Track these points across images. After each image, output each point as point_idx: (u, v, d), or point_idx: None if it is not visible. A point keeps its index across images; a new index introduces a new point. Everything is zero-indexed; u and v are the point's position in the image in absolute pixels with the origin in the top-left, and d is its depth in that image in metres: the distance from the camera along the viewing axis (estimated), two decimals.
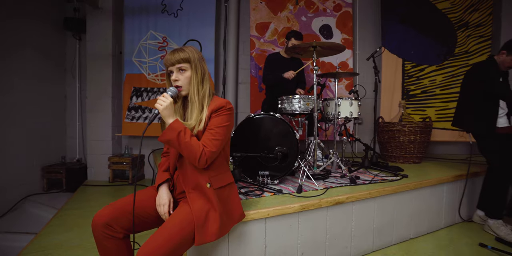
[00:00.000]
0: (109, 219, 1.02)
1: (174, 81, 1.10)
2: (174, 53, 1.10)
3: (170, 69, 1.12)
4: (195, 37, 3.40)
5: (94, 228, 1.02)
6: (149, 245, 0.88)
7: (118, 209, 1.06)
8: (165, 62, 1.12)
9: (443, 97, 3.25)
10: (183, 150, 1.02)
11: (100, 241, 1.03)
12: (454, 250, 1.77)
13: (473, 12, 3.19)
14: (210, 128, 1.09)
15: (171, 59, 1.09)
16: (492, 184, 2.06)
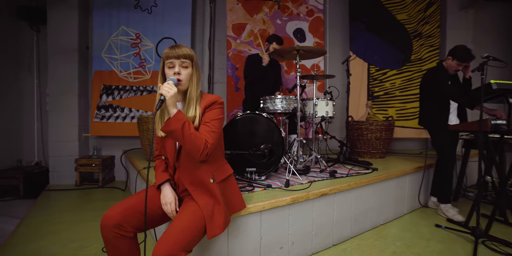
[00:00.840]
0: (120, 219, 1.02)
1: (176, 74, 1.10)
2: (180, 47, 1.11)
3: (171, 62, 1.10)
4: (170, 35, 3.34)
5: (104, 228, 1.02)
6: (167, 240, 0.90)
7: (128, 209, 1.06)
8: (168, 54, 1.10)
9: (402, 98, 3.64)
10: (186, 142, 1.03)
11: (111, 241, 1.02)
12: (417, 232, 2.03)
13: (425, 25, 3.62)
14: (206, 121, 1.12)
15: (178, 52, 1.09)
16: (441, 174, 2.39)
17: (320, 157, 2.20)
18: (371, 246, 1.81)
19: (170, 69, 1.12)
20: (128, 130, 3.32)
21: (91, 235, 1.89)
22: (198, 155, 1.05)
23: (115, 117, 3.32)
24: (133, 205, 1.09)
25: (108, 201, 2.69)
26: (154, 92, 3.35)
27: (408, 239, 1.90)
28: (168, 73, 1.12)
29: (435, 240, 1.89)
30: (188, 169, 1.14)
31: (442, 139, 2.38)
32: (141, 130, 2.62)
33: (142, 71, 3.32)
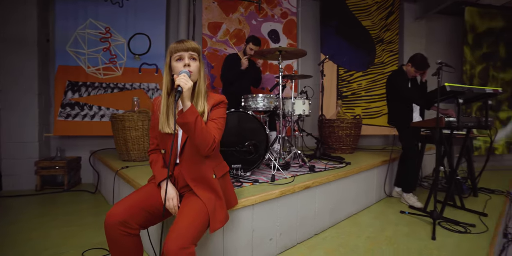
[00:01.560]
0: (126, 216, 1.01)
1: (186, 66, 1.10)
2: (187, 41, 1.13)
3: (180, 55, 1.11)
4: (143, 31, 3.23)
5: (109, 226, 1.00)
6: (177, 234, 0.91)
7: (133, 206, 1.05)
8: (176, 48, 1.11)
9: (367, 98, 3.95)
10: (197, 136, 1.04)
11: (117, 239, 1.00)
12: (385, 218, 2.26)
13: (386, 31, 3.97)
14: (213, 118, 1.16)
15: (186, 45, 1.11)
16: (405, 167, 2.67)
17: (301, 153, 2.32)
18: (348, 233, 1.97)
19: (179, 61, 1.12)
20: (97, 129, 3.14)
21: (67, 242, 1.78)
22: (206, 149, 1.07)
23: (83, 116, 3.11)
24: (137, 203, 1.08)
25: (79, 204, 2.54)
26: (126, 90, 3.21)
27: (379, 225, 2.11)
28: (177, 66, 1.12)
29: (401, 225, 2.12)
30: (191, 165, 1.16)
31: (406, 135, 2.65)
32: (115, 129, 2.50)
33: (112, 67, 3.16)
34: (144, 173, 2.05)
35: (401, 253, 1.67)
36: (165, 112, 1.16)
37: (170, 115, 1.16)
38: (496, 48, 4.42)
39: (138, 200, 1.09)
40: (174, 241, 0.89)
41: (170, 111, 1.16)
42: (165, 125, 1.15)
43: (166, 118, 1.16)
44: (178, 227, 0.94)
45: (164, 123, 1.15)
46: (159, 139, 1.24)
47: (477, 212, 2.35)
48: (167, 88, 1.17)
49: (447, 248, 1.74)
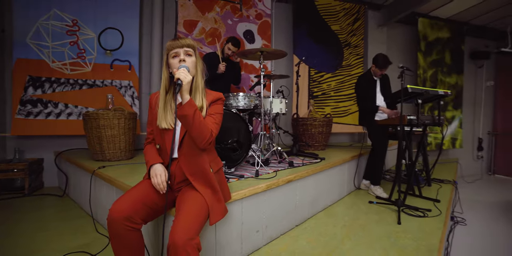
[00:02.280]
0: (131, 212, 1.01)
1: (181, 61, 1.15)
2: (183, 38, 1.18)
3: (176, 51, 1.16)
4: (116, 26, 3.08)
5: (114, 222, 0.99)
6: (182, 226, 0.95)
7: (136, 202, 1.06)
8: (172, 45, 1.16)
9: (336, 98, 4.21)
10: (195, 128, 1.08)
11: (121, 235, 1.00)
12: (357, 208, 2.46)
13: (353, 36, 4.27)
14: (212, 113, 1.21)
15: (181, 42, 1.15)
16: (373, 161, 2.92)
17: (281, 150, 2.43)
18: (325, 223, 2.12)
19: (175, 58, 1.16)
20: (63, 129, 2.93)
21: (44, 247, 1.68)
22: (203, 142, 1.12)
23: (46, 114, 2.89)
24: (140, 198, 1.08)
25: (46, 209, 2.36)
26: (96, 87, 3.04)
27: (352, 215, 2.30)
28: (173, 62, 1.16)
29: (371, 213, 2.33)
30: (190, 159, 1.18)
31: (374, 132, 2.89)
32: (88, 128, 2.38)
33: (81, 62, 2.97)
34: (125, 172, 2.00)
35: (373, 238, 1.86)
36: (163, 107, 1.18)
37: (168, 110, 1.19)
38: (443, 55, 4.99)
39: (140, 196, 1.10)
40: (180, 233, 0.92)
41: (169, 106, 1.19)
42: (162, 120, 1.17)
43: (164, 113, 1.18)
44: (183, 220, 0.97)
45: (162, 118, 1.17)
46: (156, 134, 1.26)
47: (431, 199, 2.67)
48: (166, 85, 1.21)
49: (410, 231, 1.97)
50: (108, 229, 1.02)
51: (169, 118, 1.18)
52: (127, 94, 3.15)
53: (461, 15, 4.81)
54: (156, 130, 1.23)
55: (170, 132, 1.18)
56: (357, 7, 4.27)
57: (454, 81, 5.13)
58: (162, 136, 1.22)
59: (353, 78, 4.30)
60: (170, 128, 1.18)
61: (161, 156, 1.25)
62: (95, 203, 2.05)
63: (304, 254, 1.63)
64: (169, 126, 1.17)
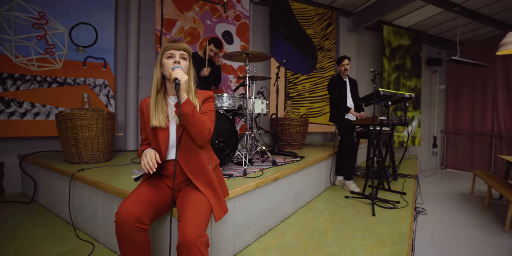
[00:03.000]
0: (140, 213, 1.02)
1: (175, 63, 1.18)
2: (180, 42, 1.22)
3: (171, 53, 1.19)
4: (89, 21, 2.92)
5: (124, 224, 0.99)
6: (192, 224, 0.98)
7: (144, 203, 1.06)
8: (168, 46, 1.20)
9: (310, 99, 4.40)
10: (194, 125, 1.12)
11: (130, 236, 1.00)
12: (334, 203, 2.63)
13: (326, 40, 4.50)
14: (205, 111, 1.25)
15: (179, 45, 1.20)
16: (343, 156, 3.12)
17: (265, 149, 2.51)
18: (307, 218, 2.25)
19: (170, 59, 1.19)
20: (30, 130, 2.72)
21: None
22: (202, 139, 1.16)
23: (9, 114, 2.65)
24: (146, 199, 1.09)
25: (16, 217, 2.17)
26: (68, 85, 2.85)
27: (331, 209, 2.46)
28: (167, 62, 1.18)
29: (348, 207, 2.51)
30: (189, 157, 1.21)
31: (345, 132, 3.10)
32: (63, 129, 2.24)
33: (50, 58, 2.77)
34: (108, 174, 1.93)
35: (353, 229, 2.02)
36: (155, 107, 1.20)
37: (159, 109, 1.20)
38: (405, 60, 5.46)
39: (146, 197, 1.10)
40: (191, 231, 0.95)
41: (160, 106, 1.21)
42: (154, 119, 1.18)
43: (155, 112, 1.19)
44: (190, 219, 1.00)
45: (154, 117, 1.18)
46: (151, 137, 1.26)
47: (399, 192, 2.94)
48: (157, 84, 1.23)
49: (384, 221, 2.17)
50: (117, 231, 1.01)
51: (160, 117, 1.20)
52: (102, 93, 3.00)
53: (419, 25, 5.30)
54: (150, 132, 1.24)
55: (163, 131, 1.20)
56: (330, 12, 4.50)
57: (413, 84, 5.63)
58: (155, 136, 1.23)
59: (326, 80, 4.53)
60: (163, 127, 1.20)
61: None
62: (75, 208, 1.95)
63: (292, 247, 1.73)
64: (162, 124, 1.20)
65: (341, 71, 3.16)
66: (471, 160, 5.98)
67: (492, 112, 5.67)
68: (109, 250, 1.67)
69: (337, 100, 3.11)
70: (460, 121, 6.26)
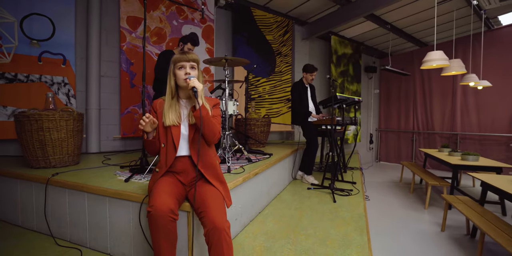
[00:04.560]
0: (173, 205, 1.13)
1: (187, 74, 1.33)
2: (189, 53, 1.35)
3: (182, 64, 1.33)
4: (44, 13, 2.68)
5: (160, 215, 1.10)
6: (218, 213, 1.14)
7: (173, 196, 1.18)
8: (179, 58, 1.33)
9: (270, 101, 4.72)
10: (208, 127, 1.29)
11: (165, 226, 1.11)
12: (300, 194, 2.97)
13: (283, 46, 4.87)
14: (215, 115, 1.41)
15: (188, 57, 1.33)
16: (307, 154, 3.52)
17: (242, 148, 2.69)
18: (281, 208, 2.52)
19: (181, 69, 1.33)
20: None
21: None
22: (214, 138, 1.34)
23: None
24: (172, 192, 1.20)
25: None
26: (19, 81, 2.57)
27: (299, 200, 2.78)
28: (179, 73, 1.33)
29: (312, 197, 2.87)
30: (201, 154, 1.35)
31: (308, 131, 3.47)
32: (26, 131, 2.06)
33: None
34: (88, 177, 1.88)
35: (320, 214, 2.36)
36: (168, 108, 1.35)
37: (173, 111, 1.35)
38: (348, 67, 6.21)
39: (171, 190, 1.21)
40: (218, 218, 1.12)
41: (173, 108, 1.36)
42: (168, 118, 1.34)
43: (169, 113, 1.34)
44: (214, 209, 1.16)
45: (168, 117, 1.33)
46: (161, 134, 1.37)
47: (350, 182, 3.44)
48: (172, 91, 1.37)
49: (344, 206, 2.57)
50: (153, 223, 1.10)
51: (174, 117, 1.35)
52: (61, 92, 2.78)
53: (360, 36, 6.10)
54: (161, 129, 1.36)
55: (176, 128, 1.35)
56: (287, 21, 4.89)
57: (355, 88, 6.45)
58: (166, 134, 1.35)
59: (284, 83, 4.91)
60: (175, 124, 1.35)
61: (166, 154, 1.36)
62: (48, 215, 1.85)
63: (275, 233, 1.97)
64: (175, 122, 1.34)
65: (307, 79, 3.49)
66: (399, 153, 7.13)
67: (413, 113, 6.85)
68: (99, 252, 1.67)
69: (300, 105, 3.44)
70: (390, 121, 7.38)
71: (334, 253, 1.68)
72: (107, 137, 3.20)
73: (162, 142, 1.37)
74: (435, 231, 2.97)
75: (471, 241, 2.75)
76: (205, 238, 1.12)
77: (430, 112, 6.43)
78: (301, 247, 1.75)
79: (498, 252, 2.50)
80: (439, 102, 6.27)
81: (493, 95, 5.34)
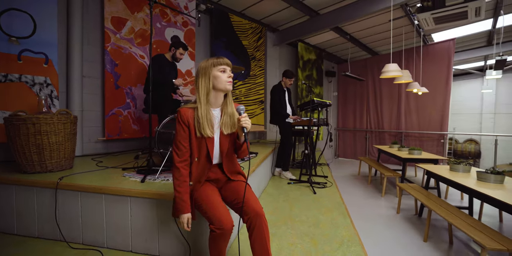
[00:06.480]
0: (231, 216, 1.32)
1: (229, 77, 1.39)
2: (225, 58, 1.42)
3: (224, 68, 1.38)
4: (24, 8, 2.53)
5: (229, 231, 1.27)
6: (256, 203, 1.35)
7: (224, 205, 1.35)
8: (220, 62, 1.38)
9: (246, 102, 4.97)
10: (243, 151, 1.47)
11: (228, 240, 1.31)
12: (282, 188, 3.30)
13: (257, 51, 5.16)
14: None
15: (227, 61, 1.41)
16: (284, 152, 3.87)
17: None
18: (270, 201, 2.81)
19: (222, 73, 1.38)
20: None
21: None
22: (244, 155, 1.51)
23: None
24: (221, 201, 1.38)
25: None
26: None
27: (284, 193, 3.11)
28: (221, 75, 1.37)
29: (294, 190, 3.22)
30: (229, 163, 1.51)
31: (284, 130, 3.82)
32: (21, 134, 2.00)
33: None
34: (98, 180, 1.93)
35: (306, 204, 2.71)
36: (206, 118, 1.36)
37: (209, 120, 1.37)
38: (312, 72, 6.77)
39: (221, 201, 1.39)
40: (259, 206, 1.35)
41: (208, 118, 1.37)
42: (208, 129, 1.36)
43: (207, 123, 1.36)
44: (253, 199, 1.37)
45: (207, 127, 1.36)
46: (195, 146, 1.39)
47: (323, 176, 3.89)
48: (206, 94, 1.37)
49: (323, 196, 2.97)
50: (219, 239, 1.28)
51: (209, 128, 1.37)
52: (43, 92, 2.65)
53: (322, 44, 6.69)
54: (194, 141, 1.39)
55: (210, 140, 1.40)
56: (260, 27, 5.19)
57: (318, 91, 7.05)
58: (200, 145, 1.40)
59: (257, 86, 5.21)
60: (211, 136, 1.39)
61: (199, 165, 1.42)
62: (60, 219, 1.85)
63: (274, 221, 2.25)
64: (211, 135, 1.38)
65: (286, 83, 3.83)
66: (355, 150, 7.98)
67: (366, 113, 7.74)
68: (121, 251, 1.75)
69: (279, 107, 3.76)
70: (347, 121, 8.21)
71: (329, 233, 2.03)
72: (89, 139, 3.12)
73: (196, 157, 1.41)
74: (392, 214, 3.57)
75: (419, 219, 3.39)
76: (246, 224, 1.34)
77: (380, 113, 7.36)
78: (300, 231, 2.07)
79: (438, 226, 3.15)
80: (388, 104, 7.21)
81: (429, 99, 6.38)
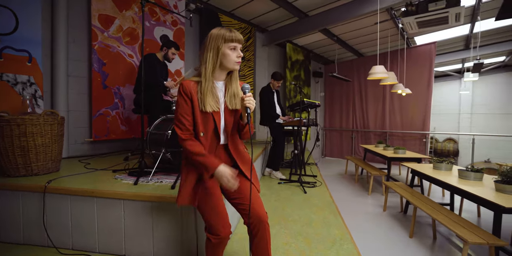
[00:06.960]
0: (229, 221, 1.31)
1: (238, 57, 1.27)
2: (237, 32, 1.27)
3: (235, 46, 1.26)
4: (5, 3, 2.42)
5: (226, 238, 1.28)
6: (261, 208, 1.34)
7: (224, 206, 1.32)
8: (232, 37, 1.24)
9: None
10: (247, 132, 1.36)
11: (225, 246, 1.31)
12: (274, 188, 3.33)
13: (247, 51, 5.16)
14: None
15: (239, 37, 1.26)
16: (275, 152, 3.90)
17: None
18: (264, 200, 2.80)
19: (232, 51, 1.25)
20: None
21: None
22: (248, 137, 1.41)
23: None
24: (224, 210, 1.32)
25: None
26: None
27: (275, 192, 3.14)
28: (230, 54, 1.25)
29: (285, 190, 3.26)
30: (234, 143, 1.40)
31: (275, 131, 3.86)
32: (3, 136, 1.91)
33: None
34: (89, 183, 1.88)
35: (297, 203, 2.76)
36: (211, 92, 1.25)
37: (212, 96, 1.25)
38: (300, 72, 6.85)
39: (223, 207, 1.31)
40: (263, 212, 1.33)
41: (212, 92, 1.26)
42: (208, 104, 1.24)
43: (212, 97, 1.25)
44: (257, 204, 1.35)
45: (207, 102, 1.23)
46: (200, 120, 1.27)
47: (312, 175, 3.96)
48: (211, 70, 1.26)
49: (314, 195, 3.03)
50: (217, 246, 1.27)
51: (213, 102, 1.26)
52: (26, 92, 2.54)
53: (310, 45, 6.79)
54: (199, 116, 1.26)
55: (217, 114, 1.28)
56: (250, 27, 5.20)
57: (306, 91, 7.15)
58: (207, 121, 1.26)
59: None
60: (216, 110, 1.27)
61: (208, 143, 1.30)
62: (51, 224, 1.79)
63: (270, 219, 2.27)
64: (215, 108, 1.26)
65: (274, 85, 3.86)
66: (341, 149, 8.15)
67: (352, 114, 7.92)
68: (112, 255, 1.72)
69: (269, 108, 3.79)
70: (333, 120, 8.36)
71: (321, 232, 2.07)
72: (76, 140, 3.03)
73: (201, 131, 1.27)
74: (379, 212, 3.68)
75: (404, 216, 3.52)
76: (248, 227, 1.32)
77: (366, 113, 7.55)
78: (293, 230, 2.10)
79: (422, 222, 3.29)
80: (373, 105, 7.41)
81: (411, 100, 6.61)
